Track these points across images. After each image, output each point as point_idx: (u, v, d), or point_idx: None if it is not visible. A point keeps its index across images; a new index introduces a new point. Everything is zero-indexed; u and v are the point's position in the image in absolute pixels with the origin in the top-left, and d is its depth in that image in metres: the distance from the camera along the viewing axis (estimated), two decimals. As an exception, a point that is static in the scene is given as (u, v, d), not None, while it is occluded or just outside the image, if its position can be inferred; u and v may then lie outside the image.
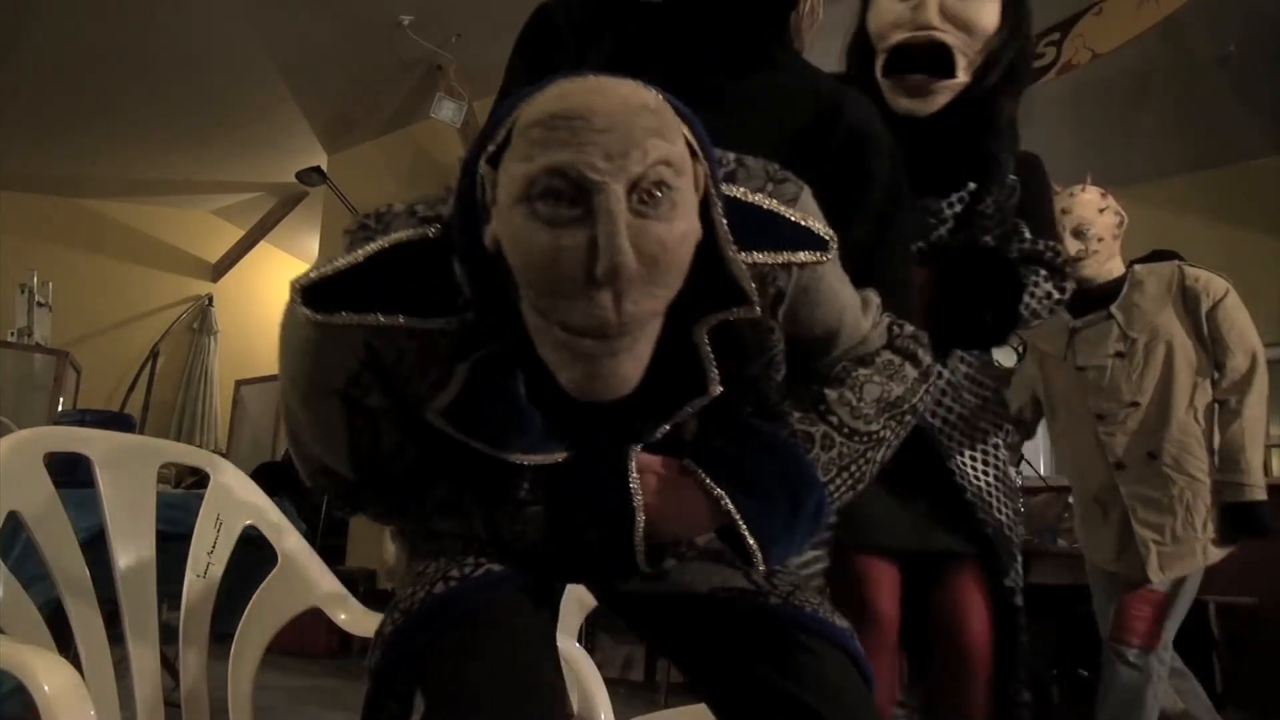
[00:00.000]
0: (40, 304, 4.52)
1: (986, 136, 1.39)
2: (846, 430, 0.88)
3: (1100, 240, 2.38)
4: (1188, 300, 2.37)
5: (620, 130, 0.68)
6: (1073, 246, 2.37)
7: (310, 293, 0.76)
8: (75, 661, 1.09)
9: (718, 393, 0.82)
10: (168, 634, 1.29)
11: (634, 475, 0.82)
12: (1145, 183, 5.00)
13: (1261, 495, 2.26)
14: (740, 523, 0.81)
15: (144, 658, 1.23)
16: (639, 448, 0.85)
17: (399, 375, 0.81)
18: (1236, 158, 4.98)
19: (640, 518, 0.81)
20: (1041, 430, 2.75)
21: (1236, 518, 2.27)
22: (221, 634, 1.35)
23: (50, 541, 1.19)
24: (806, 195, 0.86)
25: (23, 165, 5.81)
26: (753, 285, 0.78)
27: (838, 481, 0.90)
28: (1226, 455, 2.31)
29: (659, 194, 0.70)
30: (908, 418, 0.94)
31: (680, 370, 0.80)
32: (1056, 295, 1.46)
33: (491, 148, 0.73)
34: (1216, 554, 2.28)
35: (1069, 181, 2.44)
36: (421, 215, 0.81)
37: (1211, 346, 2.35)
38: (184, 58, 4.66)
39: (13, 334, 4.50)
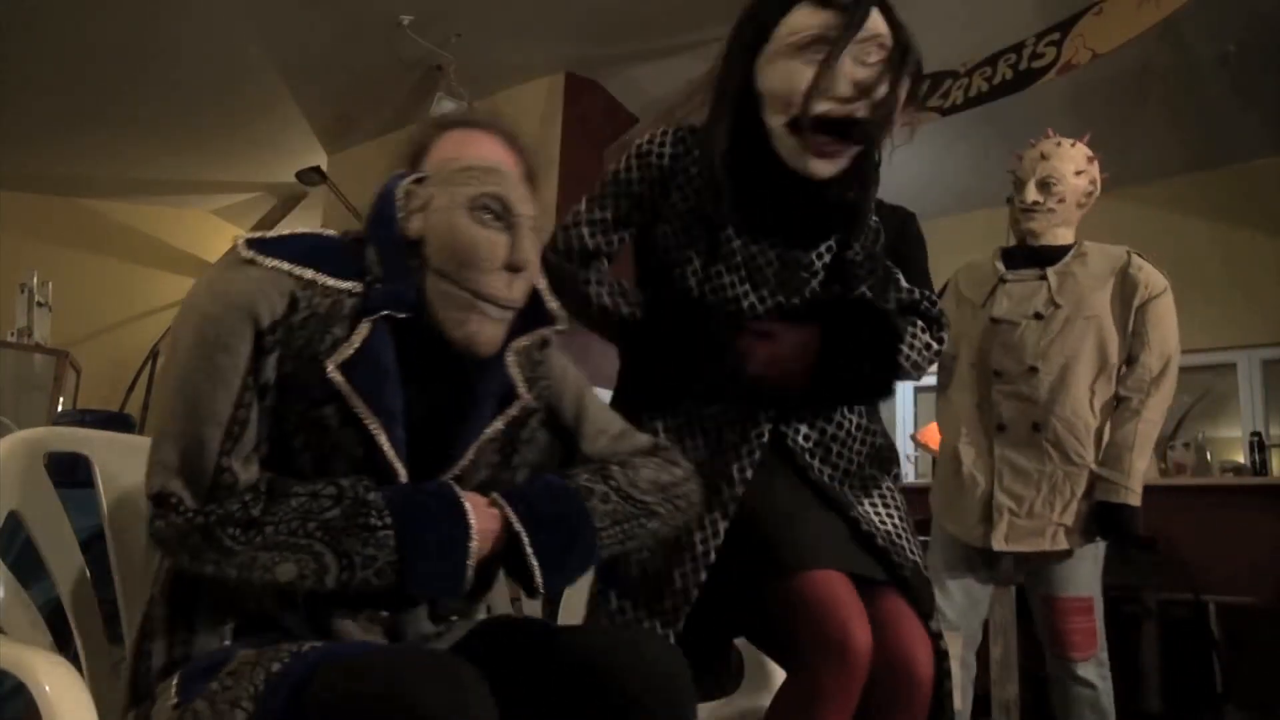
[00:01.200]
0: (40, 304, 4.50)
1: (856, 188, 1.40)
2: (623, 494, 1.13)
3: (1062, 201, 2.34)
4: (1125, 287, 2.32)
5: (519, 185, 1.10)
6: (1031, 196, 2.34)
7: (253, 243, 1.04)
8: (75, 661, 1.09)
9: (530, 400, 1.12)
10: (168, 634, 1.28)
11: (469, 509, 1.00)
12: (1145, 183, 5.00)
13: (1135, 501, 2.23)
14: (530, 554, 1.02)
15: (144, 658, 1.22)
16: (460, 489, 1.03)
17: (305, 333, 1.00)
18: (1236, 158, 4.97)
19: (474, 545, 0.99)
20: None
21: (1107, 517, 2.23)
22: (221, 634, 1.34)
23: (50, 541, 1.19)
24: None
25: (23, 165, 5.80)
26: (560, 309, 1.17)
27: (611, 531, 1.11)
28: (1112, 453, 2.26)
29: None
30: (680, 502, 1.19)
31: (491, 388, 1.09)
32: (935, 346, 1.48)
33: (414, 176, 1.10)
34: (1064, 543, 2.24)
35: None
36: (328, 234, 1.12)
37: (1131, 339, 2.30)
38: (183, 57, 4.66)
39: (13, 334, 4.48)
